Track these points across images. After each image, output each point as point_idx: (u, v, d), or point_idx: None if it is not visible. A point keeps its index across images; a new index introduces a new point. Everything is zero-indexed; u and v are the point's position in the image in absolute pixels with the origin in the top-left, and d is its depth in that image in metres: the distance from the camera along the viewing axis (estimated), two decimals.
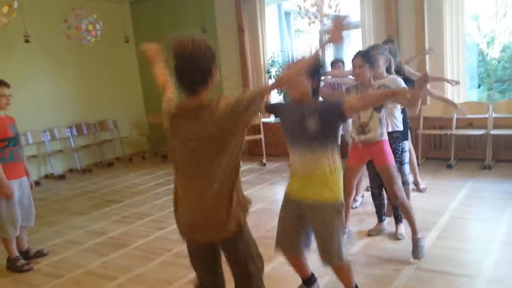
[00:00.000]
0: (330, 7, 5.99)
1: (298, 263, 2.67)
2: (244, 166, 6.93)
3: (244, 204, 2.00)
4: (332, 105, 2.37)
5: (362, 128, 3.28)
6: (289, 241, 2.55)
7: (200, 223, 1.95)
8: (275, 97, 7.64)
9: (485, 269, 3.03)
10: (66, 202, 5.81)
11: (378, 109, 3.22)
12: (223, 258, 2.13)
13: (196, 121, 1.87)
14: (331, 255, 2.43)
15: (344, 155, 2.92)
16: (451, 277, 3.00)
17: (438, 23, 5.93)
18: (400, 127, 3.67)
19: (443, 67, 5.96)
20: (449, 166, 5.64)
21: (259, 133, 7.22)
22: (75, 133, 7.90)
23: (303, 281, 2.80)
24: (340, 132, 2.77)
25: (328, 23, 6.13)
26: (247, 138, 7.31)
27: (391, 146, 3.38)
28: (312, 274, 2.81)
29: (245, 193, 2.00)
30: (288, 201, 2.53)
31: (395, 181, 3.25)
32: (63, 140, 7.76)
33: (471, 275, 2.97)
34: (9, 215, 3.67)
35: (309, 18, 5.87)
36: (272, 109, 2.65)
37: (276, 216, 2.58)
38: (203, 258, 2.08)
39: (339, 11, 6.05)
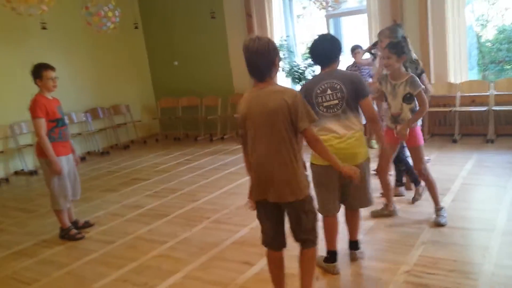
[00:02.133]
0: None
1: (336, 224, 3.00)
2: None
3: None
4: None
5: (395, 118, 3.57)
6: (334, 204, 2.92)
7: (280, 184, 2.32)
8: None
9: (499, 224, 3.43)
10: (94, 181, 6.13)
11: (407, 100, 3.47)
12: None
13: (267, 99, 2.28)
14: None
15: None
16: (469, 231, 3.41)
17: (440, 8, 6.27)
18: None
19: (446, 50, 6.33)
20: (454, 141, 6.06)
21: None
22: (91, 118, 8.17)
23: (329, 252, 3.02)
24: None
25: (336, 7, 6.46)
26: None
27: None
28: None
29: None
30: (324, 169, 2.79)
31: (422, 160, 3.60)
32: (79, 124, 8.03)
33: (487, 229, 3.38)
34: (60, 189, 4.00)
35: (321, 4, 6.17)
36: None
37: None
38: (271, 211, 2.43)
39: None
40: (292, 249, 2.56)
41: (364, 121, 3.00)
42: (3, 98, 6.97)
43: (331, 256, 3.00)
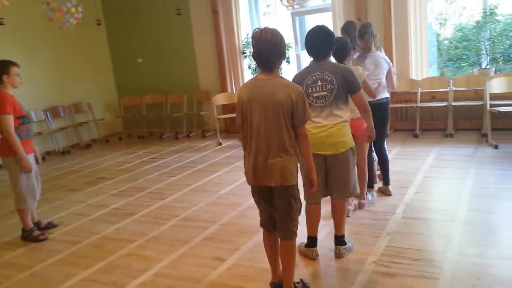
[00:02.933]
0: None
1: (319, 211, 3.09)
2: (224, 143, 7.27)
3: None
4: None
5: None
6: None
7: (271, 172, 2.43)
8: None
9: (460, 215, 3.57)
10: (56, 181, 5.95)
11: None
12: None
13: (275, 90, 2.37)
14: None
15: None
16: (432, 222, 3.53)
17: (403, 6, 6.45)
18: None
19: (408, 47, 6.52)
20: (415, 136, 6.26)
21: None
22: (51, 116, 7.92)
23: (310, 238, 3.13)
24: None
25: (302, 5, 6.52)
26: (224, 116, 7.65)
27: None
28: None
29: (232, 166, 2.36)
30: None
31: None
32: (39, 123, 7.76)
33: (449, 220, 3.51)
34: (28, 188, 3.87)
35: (287, 1, 6.20)
36: None
37: None
38: (265, 196, 2.54)
39: None
40: None
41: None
42: None
43: (311, 241, 3.09)
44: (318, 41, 2.88)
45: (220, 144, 7.22)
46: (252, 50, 2.41)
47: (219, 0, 7.80)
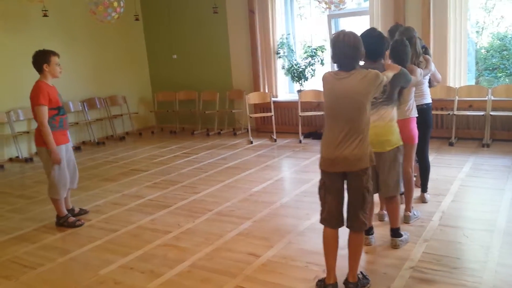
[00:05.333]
0: None
1: None
2: (255, 142, 7.31)
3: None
4: None
5: None
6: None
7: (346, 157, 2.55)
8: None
9: (499, 225, 3.51)
10: (92, 170, 6.10)
11: None
12: None
13: (348, 84, 2.52)
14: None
15: None
16: (470, 231, 3.47)
17: (443, 11, 6.36)
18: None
19: (446, 53, 6.42)
20: (451, 144, 6.16)
21: (270, 111, 7.59)
22: (87, 107, 8.12)
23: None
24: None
25: (340, 8, 6.49)
26: (256, 115, 7.69)
27: None
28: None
29: (264, 165, 2.37)
30: None
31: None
32: (76, 114, 7.97)
33: (487, 230, 3.45)
34: (60, 178, 3.98)
35: (326, 3, 6.21)
36: None
37: (301, 183, 2.85)
38: (337, 188, 2.62)
39: None
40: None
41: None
42: (1, 84, 6.91)
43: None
44: (372, 43, 2.91)
45: (251, 142, 7.27)
46: (332, 51, 2.54)
47: None
